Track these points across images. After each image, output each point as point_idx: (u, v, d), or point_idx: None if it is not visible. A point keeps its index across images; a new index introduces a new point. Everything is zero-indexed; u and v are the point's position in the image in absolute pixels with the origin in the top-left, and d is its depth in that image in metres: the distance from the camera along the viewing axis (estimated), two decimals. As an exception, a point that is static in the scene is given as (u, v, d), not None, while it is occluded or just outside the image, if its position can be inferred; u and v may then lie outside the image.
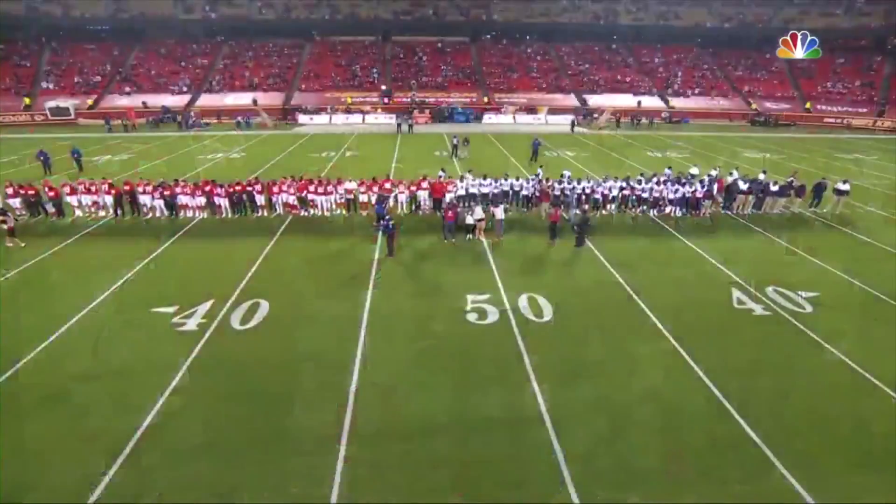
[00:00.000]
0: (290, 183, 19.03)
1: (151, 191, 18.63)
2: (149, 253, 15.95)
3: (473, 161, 29.73)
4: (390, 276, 14.51)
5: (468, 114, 48.80)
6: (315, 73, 57.67)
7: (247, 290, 13.49)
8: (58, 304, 12.85)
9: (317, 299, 13.16)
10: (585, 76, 59.99)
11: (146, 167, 28.03)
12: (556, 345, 11.30)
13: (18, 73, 53.56)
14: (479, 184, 19.63)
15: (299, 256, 15.76)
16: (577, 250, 16.69)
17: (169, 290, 13.59)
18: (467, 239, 17.19)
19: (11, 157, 31.70)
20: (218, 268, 14.95)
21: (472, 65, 61.57)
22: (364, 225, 18.47)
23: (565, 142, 38.02)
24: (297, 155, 31.87)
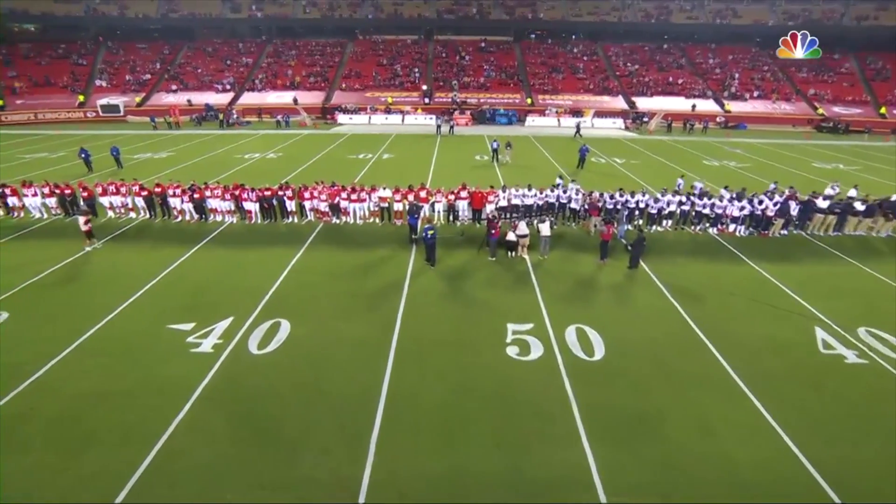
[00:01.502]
0: (322, 189, 18.12)
1: (181, 193, 18.10)
2: (173, 260, 15.33)
3: (516, 167, 28.26)
4: (424, 296, 13.29)
5: (510, 115, 47.17)
6: (356, 71, 57.31)
7: (269, 308, 12.55)
8: (76, 315, 12.25)
9: (342, 321, 12.07)
10: (634, 77, 57.24)
11: (183, 166, 27.91)
12: (610, 391, 9.78)
13: (76, 72, 55.47)
14: (523, 194, 18.17)
15: (327, 269, 14.76)
16: (630, 272, 15.03)
17: (188, 302, 12.82)
18: (510, 256, 15.78)
19: (60, 153, 32.38)
20: (242, 279, 14.11)
21: (515, 65, 59.82)
22: (398, 236, 17.34)
23: (614, 148, 35.92)
24: (333, 156, 31.18)
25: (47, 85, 52.76)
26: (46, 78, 53.35)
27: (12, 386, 9.68)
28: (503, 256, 15.82)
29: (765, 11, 61.03)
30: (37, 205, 18.94)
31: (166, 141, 37.18)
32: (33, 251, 16.06)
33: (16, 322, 12.00)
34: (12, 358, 10.59)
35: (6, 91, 50.56)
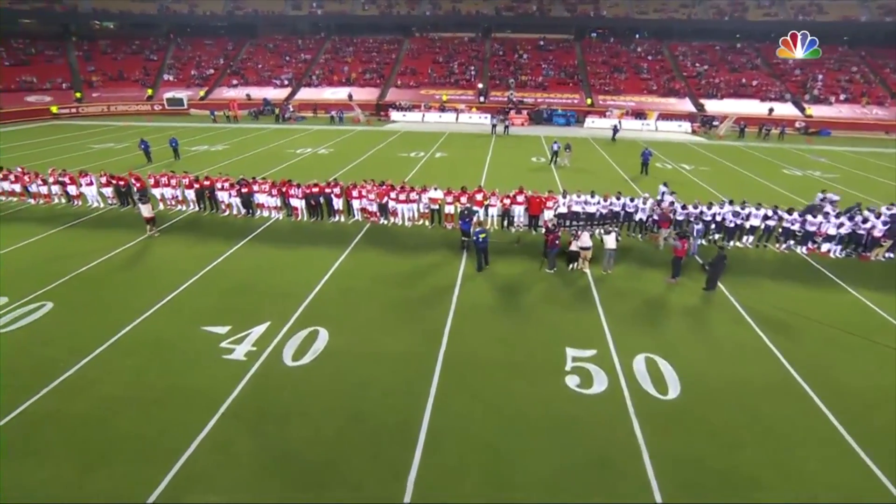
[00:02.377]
0: (371, 188, 17.29)
1: (229, 187, 17.78)
2: (217, 255, 14.91)
3: (574, 171, 26.57)
4: (474, 309, 12.11)
5: (569, 116, 45.14)
6: (411, 69, 56.81)
7: (307, 314, 11.75)
8: (116, 309, 11.92)
9: (384, 332, 11.09)
10: (703, 79, 53.61)
11: (237, 159, 28.01)
12: (690, 441, 8.26)
13: (147, 67, 57.94)
14: (585, 201, 16.65)
15: (372, 274, 13.86)
16: (706, 294, 13.26)
17: (226, 303, 12.23)
18: (569, 269, 14.35)
19: (125, 143, 33.49)
20: (283, 280, 13.43)
21: (575, 64, 57.48)
22: (448, 241, 16.25)
23: (680, 153, 33.39)
24: (385, 153, 30.53)
25: (121, 79, 55.34)
26: (120, 72, 55.97)
27: (44, 383, 9.30)
28: (562, 268, 14.42)
29: (855, 6, 55.68)
30: (93, 194, 19.19)
31: (223, 134, 37.85)
32: (86, 240, 16.13)
33: (58, 313, 11.79)
34: (49, 352, 10.29)
35: (84, 85, 53.41)
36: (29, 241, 16.11)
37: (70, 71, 54.76)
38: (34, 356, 10.15)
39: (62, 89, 51.43)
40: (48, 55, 56.05)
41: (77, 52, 57.77)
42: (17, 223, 17.74)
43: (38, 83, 50.74)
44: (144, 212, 15.94)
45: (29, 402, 8.83)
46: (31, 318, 11.53)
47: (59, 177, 19.28)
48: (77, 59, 56.75)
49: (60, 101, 48.97)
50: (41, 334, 10.92)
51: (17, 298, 12.40)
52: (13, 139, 35.51)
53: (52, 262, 14.57)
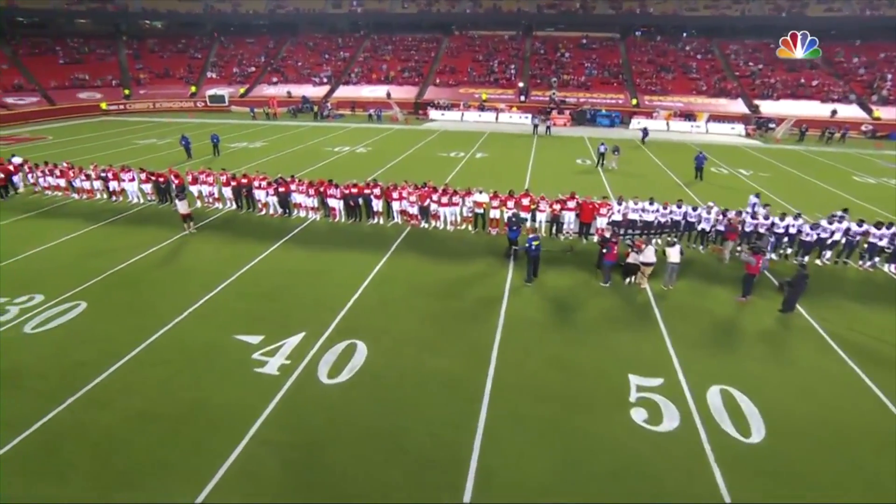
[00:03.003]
0: (412, 189, 16.46)
1: (266, 185, 17.29)
2: (252, 256, 14.36)
3: (623, 174, 25.12)
4: (524, 326, 11.09)
5: (613, 117, 43.33)
6: (450, 67, 55.98)
7: (345, 325, 10.98)
8: (149, 312, 11.46)
9: (428, 349, 10.20)
10: (757, 78, 50.72)
11: (275, 157, 27.76)
12: (780, 493, 7.04)
13: (191, 64, 59.14)
14: (643, 208, 15.37)
15: (412, 282, 13.01)
16: (783, 316, 11.83)
17: (260, 309, 11.59)
18: (626, 283, 13.15)
19: (167, 139, 33.86)
20: (319, 286, 12.73)
21: (619, 63, 55.42)
22: (493, 248, 15.25)
23: (735, 157, 31.33)
24: (424, 153, 29.74)
25: (166, 77, 56.60)
26: (166, 70, 57.27)
27: (69, 392, 8.81)
28: (617, 282, 13.22)
29: (930, 2, 51.57)
30: (134, 189, 19.08)
31: (262, 131, 37.90)
32: (124, 237, 15.91)
33: (91, 314, 11.42)
34: (78, 355, 9.86)
35: (132, 82, 54.87)
36: (70, 236, 16.02)
37: (120, 69, 56.36)
38: (64, 360, 9.73)
39: (112, 86, 52.91)
40: (100, 54, 57.85)
41: (127, 50, 59.44)
42: (60, 218, 17.76)
43: (90, 80, 52.36)
44: (181, 208, 15.60)
45: (54, 413, 8.33)
46: (65, 319, 11.18)
47: (102, 172, 19.27)
48: (126, 57, 58.37)
49: (110, 97, 50.37)
50: (73, 336, 10.52)
51: (54, 297, 12.12)
52: (64, 134, 36.49)
53: (89, 258, 14.35)
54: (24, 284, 12.75)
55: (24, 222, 17.47)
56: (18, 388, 8.99)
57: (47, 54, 54.86)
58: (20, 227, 16.95)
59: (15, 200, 19.85)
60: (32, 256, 14.56)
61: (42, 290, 12.46)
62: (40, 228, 16.74)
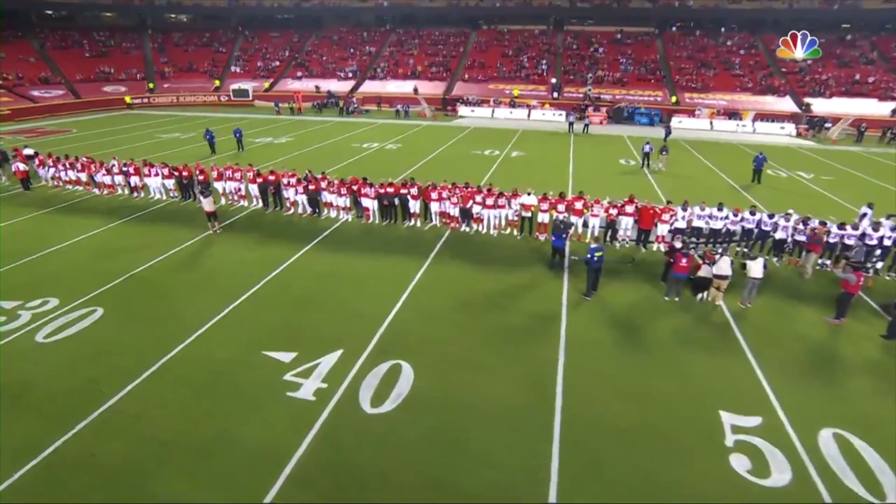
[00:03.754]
0: (453, 189, 15.28)
1: (296, 183, 16.31)
2: (281, 260, 13.36)
3: (671, 176, 23.58)
4: (590, 347, 9.82)
5: (653, 115, 41.51)
6: (479, 62, 54.68)
7: (386, 342, 9.86)
8: (170, 322, 10.52)
9: (481, 373, 9.01)
10: (806, 74, 48.25)
11: (301, 153, 26.91)
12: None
13: (216, 58, 59.02)
14: (710, 215, 13.94)
15: (457, 294, 11.83)
16: (889, 344, 10.32)
17: (291, 321, 10.56)
18: (697, 299, 11.77)
19: (190, 133, 33.36)
20: (355, 296, 11.65)
21: (656, 59, 53.42)
22: (542, 256, 13.99)
23: (790, 158, 29.39)
24: (456, 151, 28.55)
25: (190, 70, 56.56)
26: (191, 64, 57.23)
27: (80, 415, 7.86)
28: (687, 298, 11.85)
29: None
30: (157, 185, 18.34)
31: (287, 126, 37.19)
32: (145, 235, 15.10)
33: (108, 323, 10.52)
34: (91, 371, 8.94)
35: (157, 75, 54.94)
36: (89, 234, 15.28)
37: (144, 62, 56.50)
38: (77, 376, 8.81)
39: (136, 80, 53.00)
40: (125, 47, 58.09)
41: (152, 44, 59.61)
42: (80, 214, 17.08)
43: (115, 74, 52.52)
44: (206, 206, 14.73)
45: (61, 441, 7.38)
46: (80, 327, 10.31)
47: (123, 166, 18.57)
48: (151, 50, 58.53)
49: (134, 91, 50.41)
50: (87, 348, 9.62)
51: (69, 301, 11.29)
52: (88, 127, 36.33)
53: (108, 258, 13.55)
54: (39, 286, 11.96)
55: (43, 218, 16.82)
56: (25, 408, 8.08)
57: (73, 47, 55.22)
58: (38, 224, 16.29)
59: (35, 195, 19.31)
60: (49, 255, 13.82)
61: (57, 293, 11.65)
62: (59, 225, 16.06)
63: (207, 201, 14.64)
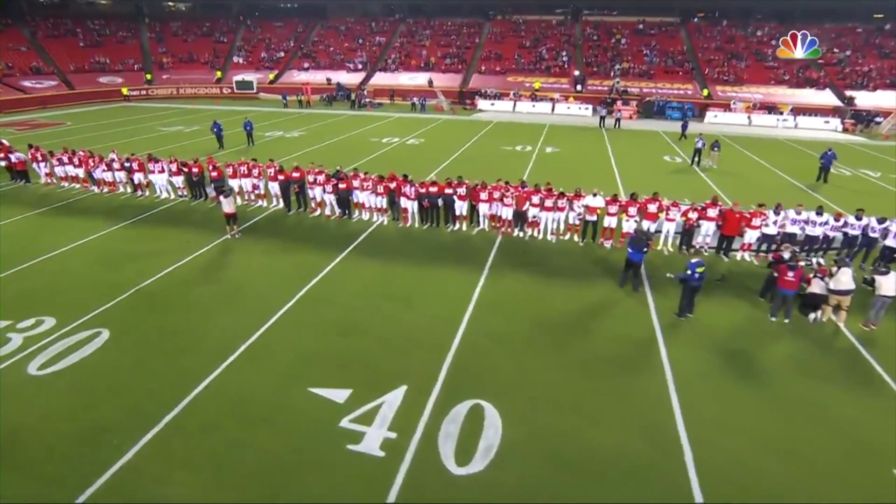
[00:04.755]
0: (506, 189, 13.67)
1: (325, 181, 14.71)
2: (313, 271, 11.77)
3: (724, 174, 21.96)
4: (703, 382, 8.22)
5: (686, 109, 39.84)
6: (496, 53, 53.08)
7: (457, 375, 8.27)
8: (188, 351, 8.93)
9: (585, 418, 7.41)
10: (846, 66, 46.60)
11: (317, 148, 25.30)
12: None
13: (217, 49, 57.43)
14: (807, 220, 12.34)
15: (529, 312, 10.23)
16: None
17: (336, 348, 8.97)
18: (811, 320, 10.18)
19: (194, 126, 31.79)
20: (409, 315, 10.05)
21: (683, 50, 51.81)
22: (612, 266, 12.41)
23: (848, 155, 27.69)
24: (485, 146, 26.92)
25: (191, 61, 54.99)
26: (190, 54, 55.65)
27: (86, 478, 6.27)
28: (796, 317, 10.26)
29: None
30: (163, 183, 16.77)
31: (297, 120, 35.58)
32: (153, 240, 13.52)
33: (116, 349, 8.94)
34: (98, 415, 7.36)
35: (154, 66, 53.37)
36: (89, 238, 13.71)
37: (142, 52, 54.92)
38: (80, 422, 7.23)
39: (133, 71, 51.42)
40: (121, 36, 56.46)
41: (149, 33, 58.00)
42: (77, 215, 15.51)
43: (110, 64, 50.94)
44: (226, 206, 13.15)
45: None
46: (82, 354, 8.73)
47: (125, 162, 17.00)
48: (149, 40, 56.94)
49: (131, 82, 48.82)
50: (92, 383, 8.04)
51: (68, 321, 9.71)
52: (84, 120, 34.75)
53: (112, 267, 11.97)
54: (32, 303, 10.39)
55: (35, 220, 15.25)
56: (14, 468, 6.50)
57: (67, 36, 53.57)
58: (30, 227, 14.73)
59: (26, 193, 17.76)
60: (43, 264, 12.24)
61: (53, 311, 10.07)
62: (54, 228, 14.50)
63: (227, 202, 13.06)
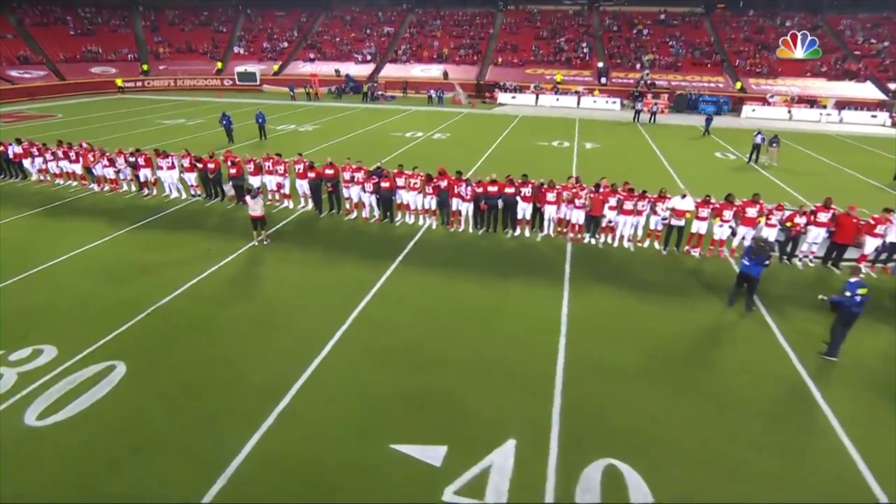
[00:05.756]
0: (580, 188, 12.03)
1: (365, 178, 13.05)
2: (364, 286, 10.10)
3: (786, 172, 20.37)
4: (886, 429, 6.65)
5: (721, 103, 38.29)
6: (512, 45, 51.51)
7: (576, 425, 6.63)
8: (227, 393, 7.28)
9: (749, 484, 5.82)
10: (885, 57, 45.13)
11: (336, 142, 23.65)
12: None
13: (216, 38, 55.74)
14: (941, 224, 10.78)
15: (638, 339, 8.55)
16: None
17: (414, 386, 7.33)
18: (979, 349, 8.60)
19: (198, 119, 30.12)
20: (494, 344, 8.36)
21: (709, 41, 50.31)
22: (707, 279, 10.80)
23: None
24: (518, 141, 25.26)
25: (188, 51, 53.30)
26: (188, 44, 53.96)
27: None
28: (958, 346, 8.69)
29: None
30: (173, 180, 15.15)
31: (307, 113, 33.91)
32: (165, 248, 11.87)
33: (133, 389, 7.28)
34: (119, 482, 5.73)
35: (150, 57, 51.65)
36: (91, 245, 12.06)
37: (136, 42, 53.19)
38: (93, 494, 5.62)
39: (128, 61, 49.70)
40: (113, 25, 54.70)
41: (143, 22, 56.25)
42: (76, 217, 13.87)
43: (102, 54, 49.22)
44: (254, 209, 11.50)
45: None
46: (92, 397, 7.08)
47: (130, 157, 15.36)
48: (144, 29, 55.19)
49: (126, 73, 47.09)
50: (107, 437, 6.39)
51: (73, 351, 8.06)
52: (76, 112, 33.07)
53: (121, 281, 10.33)
54: (27, 327, 8.74)
55: (27, 223, 13.59)
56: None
57: (56, 24, 51.75)
58: (20, 230, 13.07)
59: (16, 191, 16.13)
60: (38, 278, 10.58)
61: (54, 337, 8.43)
62: (49, 232, 12.87)
63: (256, 203, 11.40)
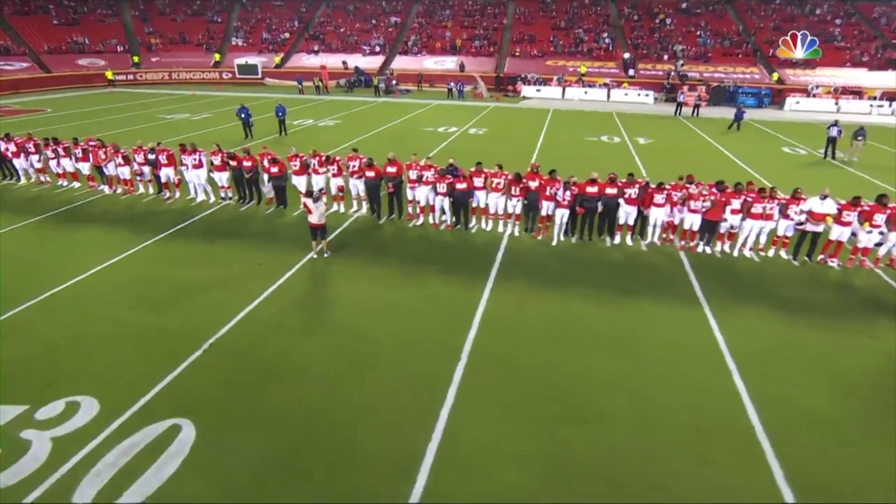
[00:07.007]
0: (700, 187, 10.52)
1: (436, 178, 11.46)
2: (466, 309, 8.49)
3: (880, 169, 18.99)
4: None
5: (761, 95, 37.08)
6: (529, 35, 50.14)
7: (809, 495, 5.17)
8: (338, 466, 5.71)
9: None
10: (926, 47, 44.21)
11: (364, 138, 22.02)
12: None
13: (211, 29, 53.98)
14: None
15: (812, 369, 7.06)
16: None
17: (582, 447, 5.73)
18: None
19: (203, 114, 28.43)
20: (652, 382, 6.79)
21: (737, 30, 49.19)
22: (851, 293, 9.35)
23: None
24: (563, 136, 23.71)
25: (182, 43, 51.51)
26: (181, 35, 52.15)
27: None
28: None
29: None
30: (200, 181, 13.52)
31: (321, 107, 32.25)
32: (208, 262, 10.25)
33: (212, 459, 5.68)
34: None
35: (142, 48, 49.82)
36: (113, 259, 10.39)
37: (125, 32, 51.30)
38: None
39: (117, 53, 47.81)
40: (100, 14, 52.75)
41: (133, 11, 54.37)
42: (89, 227, 12.16)
43: (90, 45, 47.33)
44: (315, 215, 9.88)
45: None
46: (159, 476, 5.41)
47: (149, 153, 13.70)
48: (133, 19, 53.32)
49: (115, 65, 45.22)
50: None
51: (119, 404, 6.37)
52: (67, 106, 31.26)
53: (158, 310, 8.63)
54: (51, 371, 7.07)
55: (30, 233, 11.90)
56: None
57: (38, 13, 49.77)
58: (24, 242, 11.38)
59: (10, 196, 14.46)
60: (53, 302, 8.89)
61: (89, 385, 6.77)
62: (59, 244, 11.21)
63: (317, 209, 9.77)
